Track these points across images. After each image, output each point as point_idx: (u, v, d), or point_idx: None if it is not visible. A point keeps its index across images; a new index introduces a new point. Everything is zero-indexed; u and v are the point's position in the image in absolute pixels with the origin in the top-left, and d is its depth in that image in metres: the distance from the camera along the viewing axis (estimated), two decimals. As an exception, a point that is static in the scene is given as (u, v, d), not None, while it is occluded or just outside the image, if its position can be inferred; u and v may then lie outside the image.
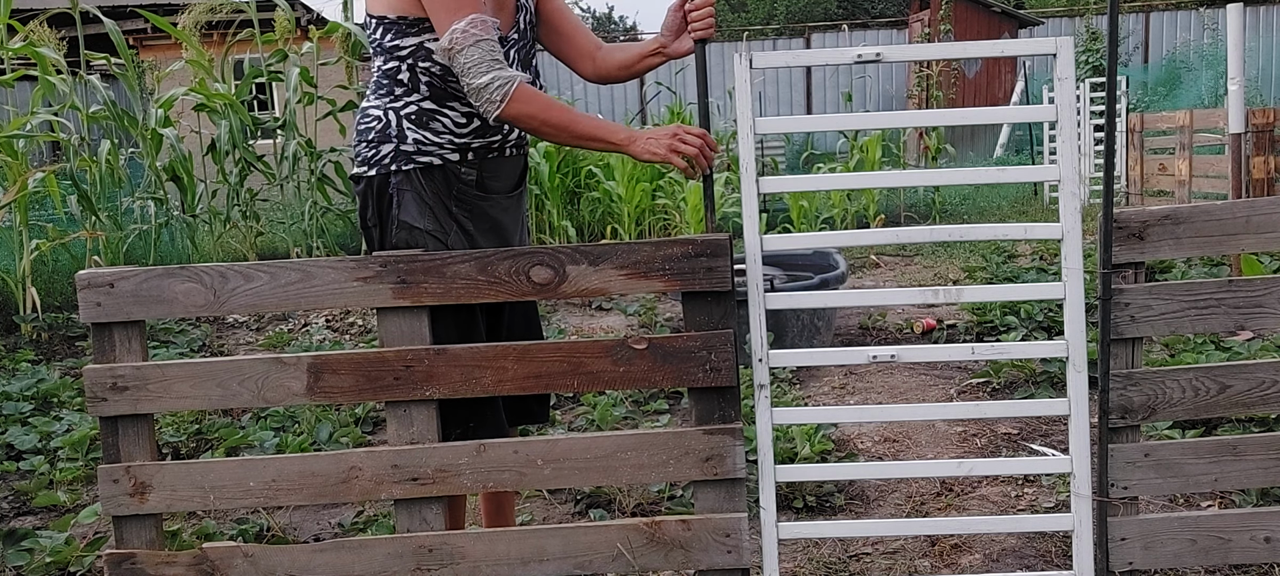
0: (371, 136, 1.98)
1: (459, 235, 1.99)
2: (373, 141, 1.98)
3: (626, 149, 1.91)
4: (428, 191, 1.97)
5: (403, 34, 1.94)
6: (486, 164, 2.03)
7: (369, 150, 1.98)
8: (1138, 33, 17.29)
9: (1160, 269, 5.87)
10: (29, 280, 5.57)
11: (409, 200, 1.96)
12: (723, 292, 1.82)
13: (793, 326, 4.51)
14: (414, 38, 1.93)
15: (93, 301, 1.84)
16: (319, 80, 7.40)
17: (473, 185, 2.01)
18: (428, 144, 1.96)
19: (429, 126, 1.97)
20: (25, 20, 6.72)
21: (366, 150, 1.99)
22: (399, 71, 1.96)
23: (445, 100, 1.97)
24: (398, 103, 1.97)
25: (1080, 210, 1.86)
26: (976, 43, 1.96)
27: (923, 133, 10.68)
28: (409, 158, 1.96)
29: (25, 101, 6.97)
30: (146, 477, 1.87)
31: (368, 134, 1.99)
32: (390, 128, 1.97)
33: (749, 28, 21.92)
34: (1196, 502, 2.71)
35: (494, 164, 2.05)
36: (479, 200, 2.03)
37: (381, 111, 1.98)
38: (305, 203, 7.20)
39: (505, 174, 2.09)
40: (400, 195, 1.96)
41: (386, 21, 1.94)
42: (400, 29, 1.94)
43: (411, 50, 1.94)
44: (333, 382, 1.85)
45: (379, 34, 1.97)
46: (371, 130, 1.98)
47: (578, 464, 1.86)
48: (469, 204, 2.01)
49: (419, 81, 1.96)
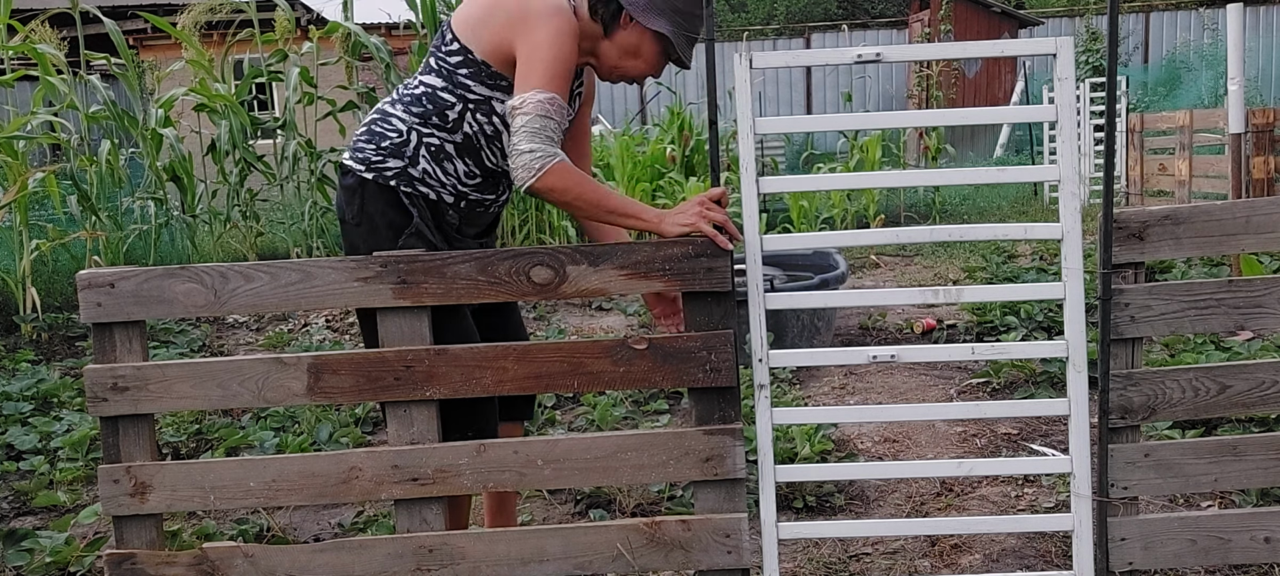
0: (385, 144, 1.98)
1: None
2: (384, 150, 1.98)
3: (658, 228, 1.86)
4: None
5: (480, 80, 1.94)
6: (472, 213, 2.08)
7: (376, 156, 1.98)
8: (1138, 33, 17.30)
9: (1160, 269, 5.87)
10: (29, 280, 5.57)
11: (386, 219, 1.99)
12: (723, 293, 1.82)
13: (793, 326, 4.51)
14: (488, 89, 1.95)
15: (93, 301, 1.84)
16: (319, 80, 7.40)
17: (453, 227, 2.06)
18: (432, 178, 1.98)
19: (442, 165, 1.98)
20: (25, 20, 6.72)
21: (373, 154, 1.98)
22: (450, 105, 1.96)
23: (467, 154, 1.99)
24: (426, 129, 1.97)
25: (1080, 210, 1.86)
26: (976, 43, 1.96)
27: (923, 133, 10.67)
28: (410, 181, 1.97)
29: (25, 101, 6.98)
30: (147, 477, 1.87)
31: (381, 140, 1.98)
32: (406, 147, 1.97)
33: (749, 28, 21.92)
34: (1196, 502, 2.71)
35: (478, 215, 2.10)
36: (454, 237, 2.07)
37: (406, 128, 1.97)
38: (305, 203, 7.20)
39: (480, 222, 2.14)
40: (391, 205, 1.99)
41: (471, 57, 1.93)
42: (481, 74, 1.94)
43: (479, 100, 1.95)
44: (333, 383, 1.85)
45: (454, 62, 1.95)
46: (387, 138, 1.98)
47: (578, 464, 1.86)
48: (445, 236, 2.05)
49: (462, 126, 1.97)
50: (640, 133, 10.24)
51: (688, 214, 1.84)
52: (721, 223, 1.83)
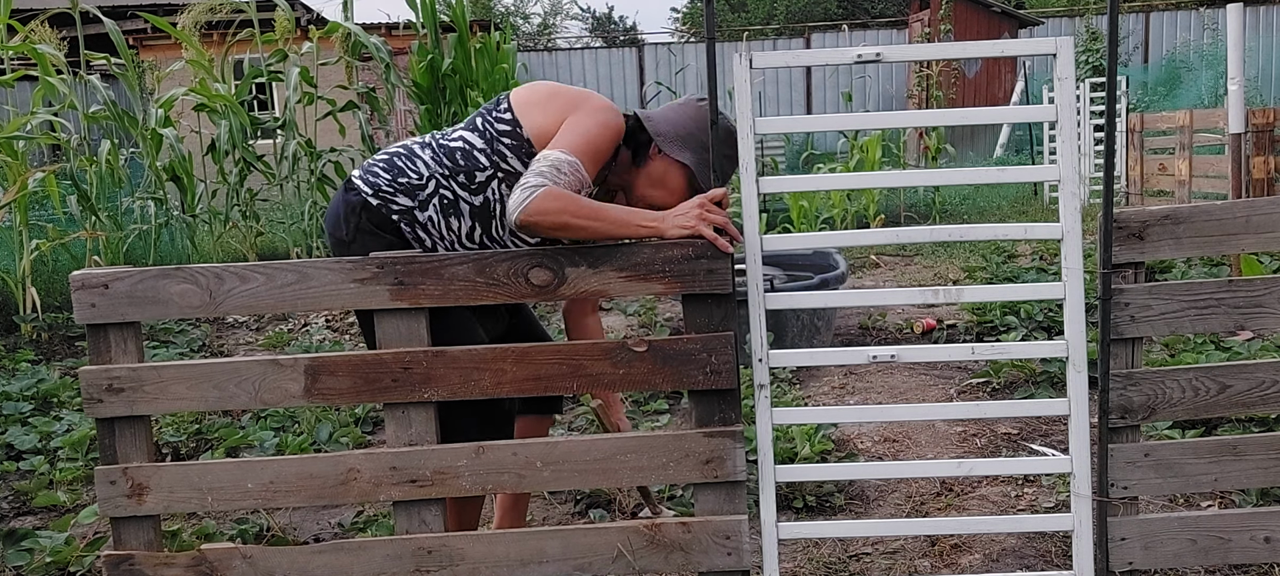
0: (402, 181, 1.99)
1: None
2: (399, 185, 1.99)
3: (658, 231, 1.86)
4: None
5: (519, 155, 1.98)
6: None
7: (387, 187, 1.99)
8: (1138, 33, 17.30)
9: (1160, 269, 5.87)
10: (29, 280, 5.57)
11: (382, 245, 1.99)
12: (723, 294, 1.82)
13: (793, 326, 4.51)
14: (522, 165, 1.97)
15: (87, 302, 1.83)
16: (319, 80, 7.40)
17: None
18: (434, 228, 2.00)
19: (448, 219, 2.00)
20: (25, 20, 6.72)
21: (385, 185, 1.99)
22: (482, 167, 1.99)
23: (480, 218, 2.01)
24: (447, 184, 1.99)
25: (1080, 210, 1.86)
26: (976, 43, 1.95)
27: (923, 133, 10.67)
28: (412, 222, 1.99)
29: (25, 101, 6.98)
30: (144, 479, 1.87)
31: (399, 176, 2.00)
32: (422, 191, 1.99)
33: (749, 28, 21.92)
34: (1196, 502, 2.71)
35: None
36: None
37: (428, 174, 1.99)
38: (305, 203, 7.20)
39: None
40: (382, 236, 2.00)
41: (518, 131, 1.98)
42: (522, 150, 1.98)
43: (509, 173, 1.99)
44: (330, 384, 1.85)
45: (500, 128, 1.99)
46: (406, 176, 1.99)
47: (577, 466, 1.86)
48: None
49: (485, 190, 2.00)
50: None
51: (688, 216, 1.83)
52: (721, 225, 1.82)
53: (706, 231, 1.81)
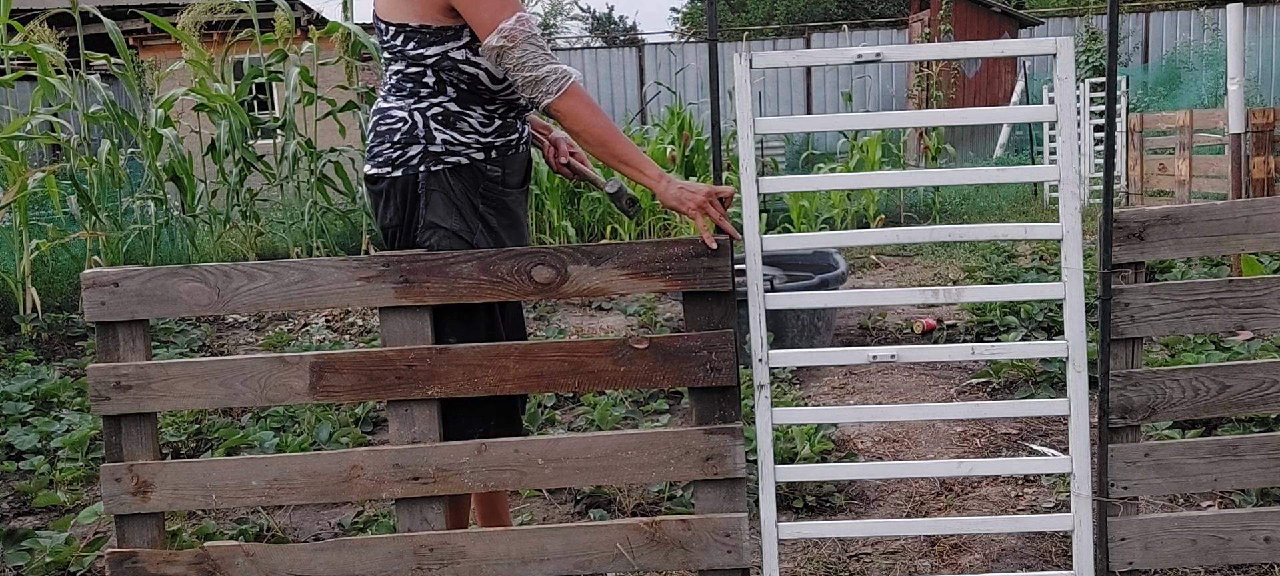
0: (397, 138, 1.97)
1: (484, 233, 2.00)
2: (399, 143, 1.96)
3: (655, 187, 1.89)
4: (456, 191, 1.96)
5: (426, 43, 1.94)
6: (506, 160, 2.05)
7: (394, 151, 1.96)
8: (1138, 33, 17.29)
9: (1160, 269, 5.87)
10: (29, 280, 5.56)
11: (437, 200, 1.95)
12: (723, 292, 1.83)
13: (793, 326, 4.51)
14: (438, 46, 1.94)
15: (97, 300, 1.84)
16: (319, 80, 7.40)
17: (498, 181, 2.03)
18: (455, 144, 1.97)
19: (455, 127, 1.97)
20: (25, 20, 6.72)
21: (391, 151, 1.97)
22: (424, 76, 1.96)
23: (469, 103, 1.98)
24: (423, 104, 1.97)
25: (1080, 210, 1.87)
26: (976, 43, 1.96)
27: (923, 133, 10.68)
28: (438, 158, 1.96)
29: (25, 101, 6.97)
30: (149, 476, 1.88)
31: (392, 135, 1.97)
32: (417, 129, 1.96)
33: (749, 28, 21.92)
34: (1196, 502, 2.71)
35: (512, 160, 2.07)
36: (501, 194, 2.05)
37: (406, 113, 1.97)
38: (305, 203, 7.20)
39: (519, 168, 2.11)
40: (428, 195, 1.95)
41: (408, 29, 1.94)
42: (423, 38, 1.94)
43: (436, 58, 1.95)
44: (335, 382, 1.85)
45: (398, 42, 1.96)
46: (396, 132, 1.97)
47: (578, 463, 1.86)
48: (494, 199, 2.03)
49: (445, 85, 1.96)
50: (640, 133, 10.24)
51: (694, 198, 1.86)
52: (719, 222, 1.84)
53: (701, 221, 1.83)
